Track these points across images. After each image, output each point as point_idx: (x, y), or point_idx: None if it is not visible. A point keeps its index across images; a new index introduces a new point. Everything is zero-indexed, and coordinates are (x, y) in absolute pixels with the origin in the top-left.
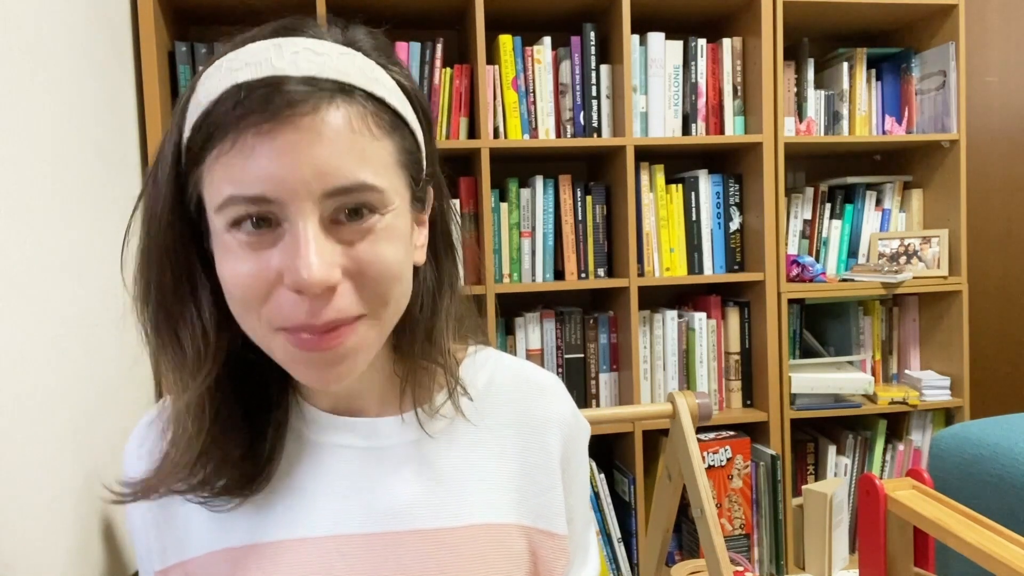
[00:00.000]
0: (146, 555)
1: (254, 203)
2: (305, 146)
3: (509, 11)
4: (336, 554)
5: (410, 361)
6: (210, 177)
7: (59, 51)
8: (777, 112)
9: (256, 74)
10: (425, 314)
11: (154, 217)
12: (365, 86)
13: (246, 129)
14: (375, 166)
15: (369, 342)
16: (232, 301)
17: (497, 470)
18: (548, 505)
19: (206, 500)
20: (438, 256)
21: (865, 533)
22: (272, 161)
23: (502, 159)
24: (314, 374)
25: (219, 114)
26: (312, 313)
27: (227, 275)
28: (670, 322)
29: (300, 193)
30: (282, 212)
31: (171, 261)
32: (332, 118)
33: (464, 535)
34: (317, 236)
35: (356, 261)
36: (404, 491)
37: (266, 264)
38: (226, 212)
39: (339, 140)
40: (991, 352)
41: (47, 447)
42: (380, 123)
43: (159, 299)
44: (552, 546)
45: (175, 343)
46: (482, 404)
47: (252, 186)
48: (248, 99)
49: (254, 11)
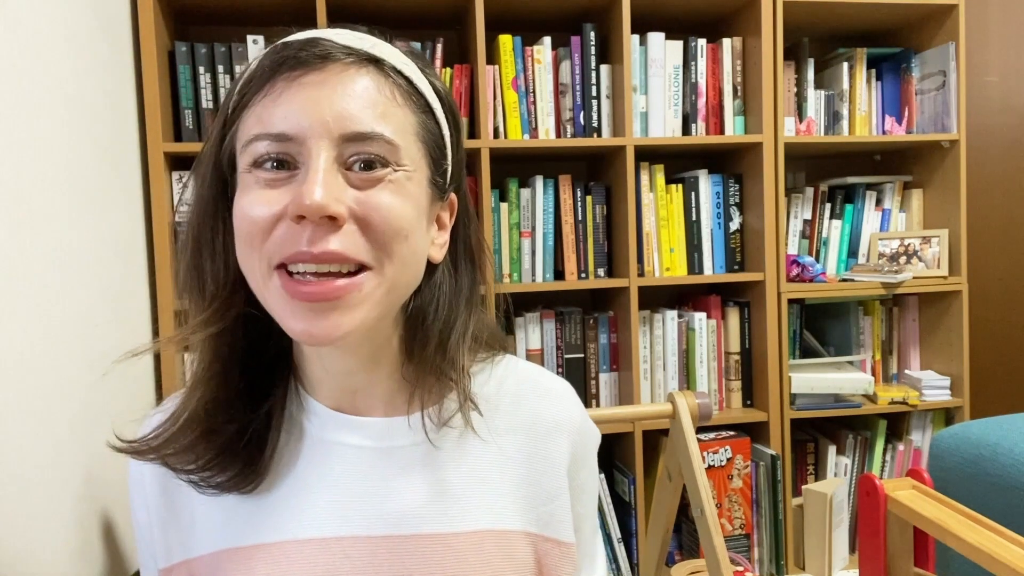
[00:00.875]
0: (150, 553)
1: (276, 140)
2: (329, 90)
3: (509, 11)
4: (342, 556)
5: (420, 366)
6: (243, 125)
7: (59, 51)
8: (777, 112)
9: (299, 37)
10: (439, 320)
11: (200, 180)
12: (396, 64)
13: (278, 76)
14: (394, 126)
15: (371, 299)
16: (239, 240)
17: (503, 477)
18: (554, 513)
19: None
20: (457, 266)
21: (865, 533)
22: (297, 101)
23: (502, 159)
24: (304, 325)
25: (258, 69)
26: (310, 240)
27: (239, 210)
28: (670, 322)
29: (318, 131)
30: (300, 152)
31: (209, 216)
32: (360, 76)
33: (470, 541)
34: (328, 170)
35: (363, 205)
36: (410, 495)
37: (277, 199)
38: (250, 149)
39: (363, 95)
40: (991, 352)
41: (47, 447)
42: (405, 96)
43: (194, 251)
44: (558, 554)
45: (198, 289)
46: (490, 411)
47: (276, 124)
48: (285, 52)
49: (254, 11)
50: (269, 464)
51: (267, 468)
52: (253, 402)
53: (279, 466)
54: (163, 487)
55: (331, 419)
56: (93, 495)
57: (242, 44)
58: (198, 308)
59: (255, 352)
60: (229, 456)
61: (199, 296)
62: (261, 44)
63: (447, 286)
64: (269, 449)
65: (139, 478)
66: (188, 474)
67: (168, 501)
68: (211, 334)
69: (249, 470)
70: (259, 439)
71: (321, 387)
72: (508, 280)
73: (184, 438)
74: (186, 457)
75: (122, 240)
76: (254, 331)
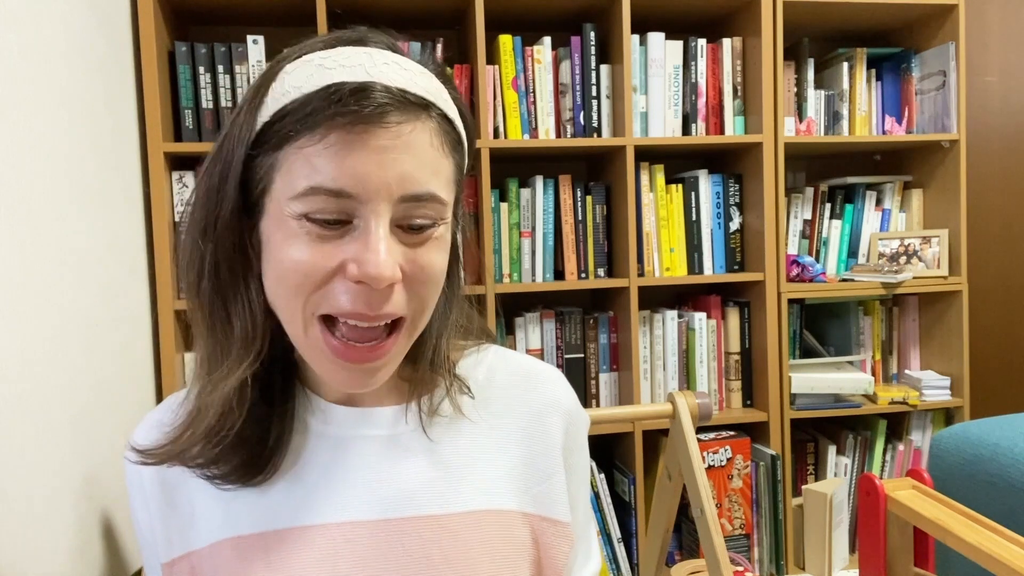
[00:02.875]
0: (151, 548)
1: (335, 196)
2: (393, 151)
3: (509, 11)
4: (342, 541)
5: (417, 364)
6: (288, 164)
7: (59, 51)
8: (777, 112)
9: (351, 77)
10: (437, 323)
11: (218, 193)
12: (442, 107)
13: (337, 127)
14: (442, 180)
15: (401, 351)
16: (283, 285)
17: (499, 458)
18: (550, 492)
19: (214, 477)
20: (450, 268)
21: (865, 533)
22: (361, 162)
23: (502, 159)
24: (341, 380)
25: (311, 107)
26: (370, 305)
27: (288, 259)
28: (670, 322)
29: (381, 194)
30: (357, 209)
31: (231, 237)
32: (419, 131)
33: (467, 521)
34: (388, 234)
35: (413, 264)
36: (408, 479)
37: (331, 254)
38: (304, 201)
39: (421, 153)
40: (991, 352)
41: (47, 447)
42: (449, 142)
43: (214, 274)
44: (555, 533)
45: (224, 320)
46: (482, 395)
47: (337, 180)
48: (343, 99)
49: (254, 11)
50: (275, 458)
51: (274, 462)
52: (268, 401)
53: (283, 459)
54: (162, 482)
55: (336, 413)
56: (93, 495)
57: (242, 44)
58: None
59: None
60: (246, 454)
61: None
62: (261, 44)
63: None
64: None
65: (137, 476)
66: (204, 468)
67: (167, 495)
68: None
69: (260, 464)
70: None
71: (324, 384)
72: (508, 280)
73: (206, 444)
74: (207, 457)
75: (122, 240)
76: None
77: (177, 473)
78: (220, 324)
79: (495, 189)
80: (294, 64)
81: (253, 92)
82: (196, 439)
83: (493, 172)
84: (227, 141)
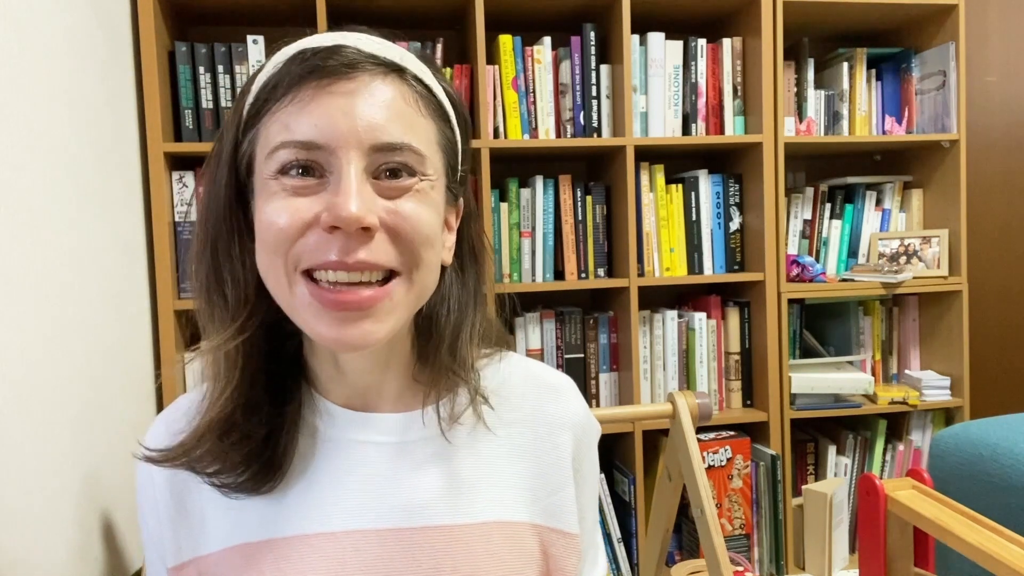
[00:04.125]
0: (158, 552)
1: (304, 148)
2: (359, 100)
3: (509, 11)
4: (351, 549)
5: (432, 365)
6: (266, 131)
7: (59, 51)
8: (777, 112)
9: (322, 43)
10: (450, 321)
11: (214, 183)
12: (418, 72)
13: (305, 84)
14: (420, 136)
15: (401, 306)
16: (264, 245)
17: (510, 469)
18: (560, 504)
19: (224, 485)
20: (463, 266)
21: (865, 533)
22: (327, 110)
23: (502, 159)
24: (335, 332)
25: (281, 73)
26: (344, 250)
27: (265, 217)
28: (670, 322)
29: (350, 141)
30: (329, 161)
31: (226, 219)
32: (387, 85)
33: (477, 532)
34: (360, 180)
35: (393, 214)
36: (418, 488)
37: (307, 207)
38: (276, 156)
39: (392, 106)
40: (991, 352)
41: (47, 447)
42: (428, 106)
43: (212, 253)
44: (564, 544)
45: (220, 293)
46: (497, 404)
47: (305, 132)
48: (311, 59)
49: (254, 11)
50: (284, 463)
51: (284, 467)
52: (276, 403)
53: (291, 463)
54: (172, 486)
55: (343, 417)
56: (93, 495)
57: (242, 44)
58: (222, 314)
59: (274, 355)
60: (255, 457)
61: (222, 302)
62: (261, 44)
63: (456, 287)
64: (284, 448)
65: (148, 479)
66: (212, 476)
67: (178, 500)
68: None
69: (269, 470)
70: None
71: (332, 386)
72: (508, 280)
73: (216, 442)
74: (215, 460)
75: (122, 240)
76: (271, 335)
77: (187, 478)
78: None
79: (495, 189)
80: (276, 54)
81: (244, 88)
82: (206, 439)
83: (493, 172)
84: (223, 134)
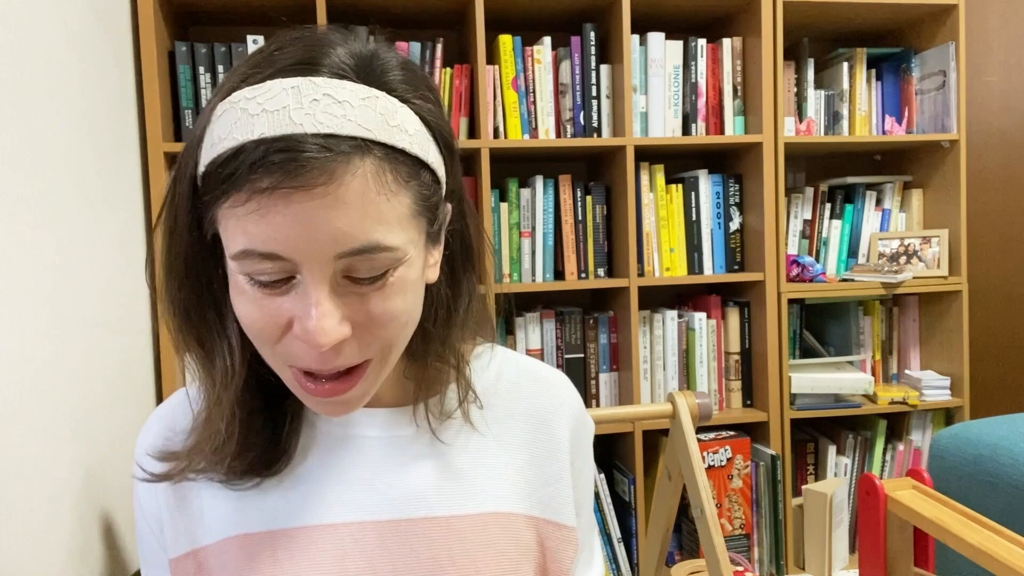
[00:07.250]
0: (158, 543)
1: (268, 259)
2: (320, 211)
3: (509, 11)
4: (350, 541)
5: (423, 364)
6: (225, 224)
7: (59, 51)
8: (777, 112)
9: (274, 130)
10: (439, 327)
11: (175, 234)
12: (385, 139)
13: (262, 189)
14: (390, 223)
15: (378, 375)
16: (248, 334)
17: (506, 461)
18: (556, 496)
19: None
20: (455, 272)
21: (865, 533)
22: (287, 223)
23: (502, 159)
24: (323, 409)
25: (234, 167)
26: (321, 362)
27: (241, 314)
28: (670, 322)
29: (313, 255)
30: (296, 268)
31: (194, 278)
32: (349, 182)
33: (474, 523)
34: (329, 297)
35: (366, 315)
36: (417, 480)
37: (278, 310)
38: (242, 263)
39: (355, 204)
40: (991, 352)
41: (47, 447)
42: (398, 176)
43: (185, 313)
44: (560, 537)
45: (204, 357)
46: (490, 399)
47: (267, 244)
48: (265, 160)
49: (254, 11)
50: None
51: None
52: (271, 410)
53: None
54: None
55: None
56: (93, 495)
57: (242, 44)
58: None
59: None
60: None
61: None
62: (261, 44)
63: (444, 292)
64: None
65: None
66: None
67: (177, 492)
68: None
69: (269, 462)
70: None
71: None
72: (508, 280)
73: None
74: (216, 462)
75: (122, 240)
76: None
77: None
78: (201, 360)
79: (495, 189)
80: (224, 106)
81: (194, 134)
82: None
83: (493, 172)
84: (177, 182)
